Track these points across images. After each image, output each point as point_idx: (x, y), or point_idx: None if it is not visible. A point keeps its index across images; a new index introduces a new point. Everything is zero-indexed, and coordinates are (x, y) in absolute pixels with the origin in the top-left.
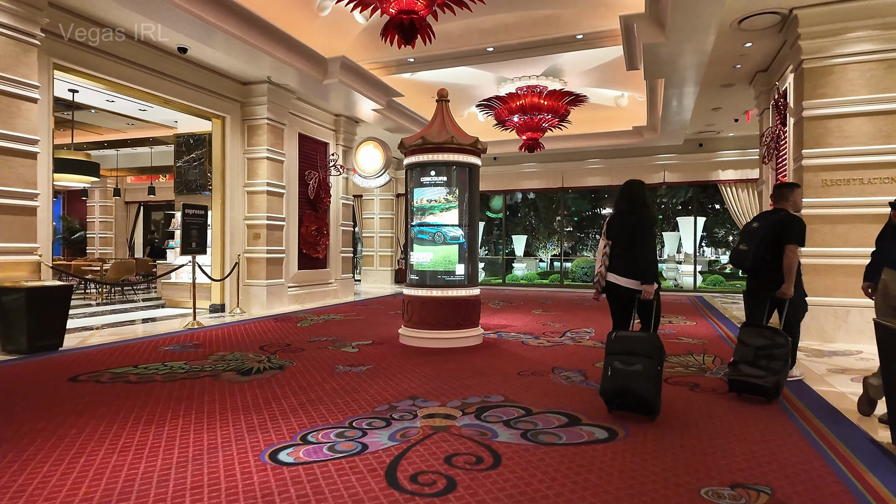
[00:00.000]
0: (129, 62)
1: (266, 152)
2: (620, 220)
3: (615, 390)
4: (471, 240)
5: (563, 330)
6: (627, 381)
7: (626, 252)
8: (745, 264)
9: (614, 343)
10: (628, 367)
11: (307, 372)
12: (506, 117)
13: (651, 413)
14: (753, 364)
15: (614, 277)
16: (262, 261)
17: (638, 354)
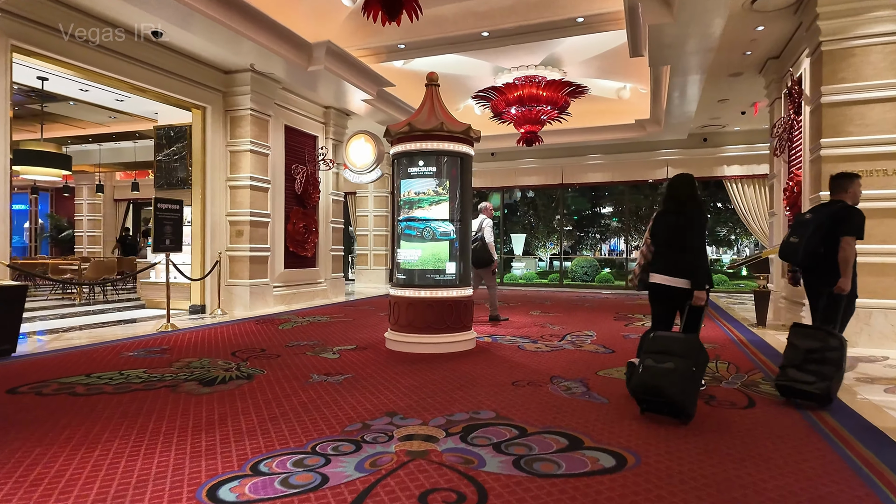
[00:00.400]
0: (100, 47)
1: (249, 145)
2: (665, 218)
3: (643, 388)
4: (463, 236)
5: (562, 333)
6: (656, 380)
7: (669, 250)
8: (796, 258)
9: (650, 342)
10: (659, 365)
11: (277, 382)
12: (503, 109)
13: (683, 416)
14: (802, 368)
15: (656, 276)
16: (244, 259)
17: (672, 354)
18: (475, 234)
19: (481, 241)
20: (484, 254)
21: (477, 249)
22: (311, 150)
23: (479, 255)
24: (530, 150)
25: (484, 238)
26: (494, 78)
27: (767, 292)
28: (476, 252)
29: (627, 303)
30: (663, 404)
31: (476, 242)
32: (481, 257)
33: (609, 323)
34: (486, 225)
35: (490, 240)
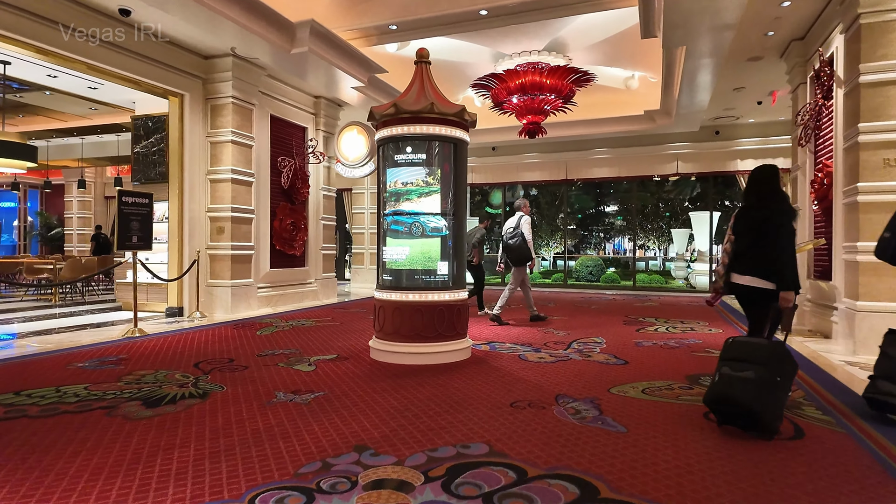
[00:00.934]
0: (65, 27)
1: (231, 135)
2: (747, 213)
3: (715, 396)
4: (457, 232)
5: (568, 339)
6: (730, 388)
7: (751, 248)
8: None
9: (728, 348)
10: (735, 373)
11: (234, 403)
12: (503, 98)
13: (762, 430)
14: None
15: (739, 277)
16: (226, 258)
17: (751, 361)
18: (512, 230)
19: (520, 237)
20: (523, 251)
21: (515, 246)
22: (299, 142)
23: (517, 252)
24: (533, 144)
25: (523, 235)
26: (495, 65)
27: None
28: (514, 249)
29: (636, 305)
30: (738, 415)
31: (514, 239)
32: (520, 254)
33: (618, 328)
34: (525, 222)
35: (529, 237)
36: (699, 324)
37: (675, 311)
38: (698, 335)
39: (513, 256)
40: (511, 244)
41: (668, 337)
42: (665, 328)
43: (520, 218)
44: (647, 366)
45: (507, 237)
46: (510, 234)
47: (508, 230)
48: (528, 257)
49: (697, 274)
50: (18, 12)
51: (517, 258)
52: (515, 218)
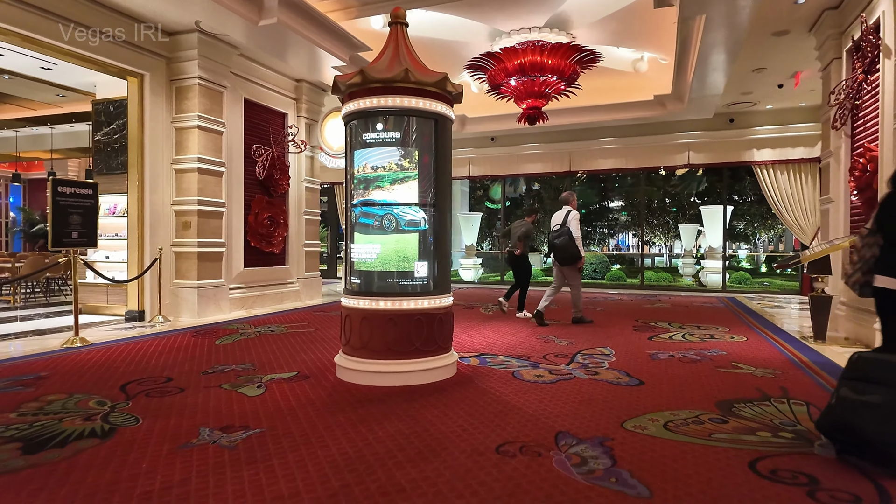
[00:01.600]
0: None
1: (198, 120)
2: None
3: (834, 424)
4: (438, 226)
5: (571, 350)
6: (848, 414)
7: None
8: None
9: (851, 366)
10: (857, 396)
11: (142, 445)
12: (501, 81)
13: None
14: None
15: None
16: (192, 256)
17: (878, 382)
18: (559, 227)
19: (567, 234)
20: (570, 249)
21: (562, 245)
22: (278, 130)
23: (564, 250)
24: (534, 134)
25: (570, 232)
26: (491, 44)
27: (828, 298)
28: (561, 247)
29: (646, 306)
30: (862, 446)
31: (561, 237)
32: (567, 253)
33: (628, 335)
34: (573, 217)
35: (577, 234)
36: (718, 329)
37: (688, 314)
38: (720, 345)
39: (560, 256)
40: (558, 243)
41: (685, 347)
42: (681, 335)
43: (567, 213)
44: (667, 387)
45: (553, 235)
46: (557, 231)
47: (555, 227)
48: (577, 256)
49: (709, 272)
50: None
51: (565, 257)
52: (562, 213)
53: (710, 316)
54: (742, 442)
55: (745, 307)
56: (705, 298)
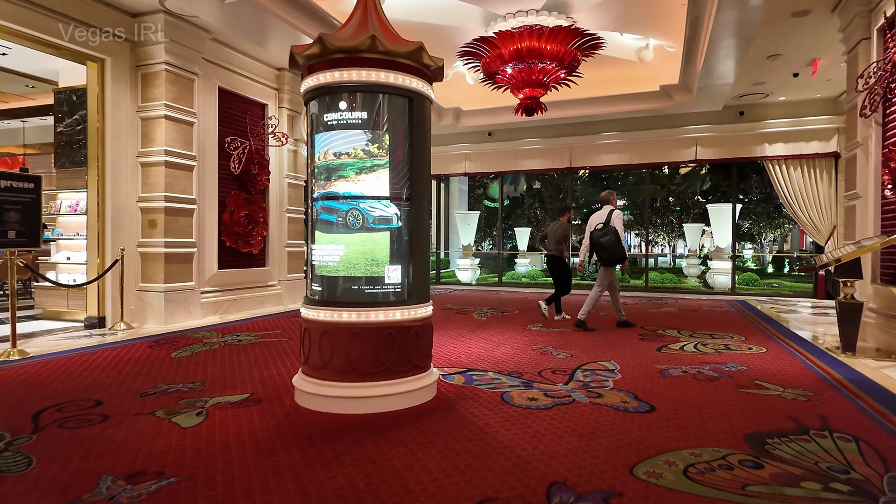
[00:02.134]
0: None
1: (165, 109)
2: None
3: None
4: (414, 224)
5: (570, 365)
6: None
7: None
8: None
9: None
10: None
11: (19, 502)
12: (497, 68)
13: None
14: None
15: None
16: (159, 257)
17: None
18: (602, 226)
19: (614, 234)
20: (617, 250)
21: (609, 244)
22: (256, 121)
23: (612, 250)
24: (533, 128)
25: (617, 231)
26: (486, 28)
27: (858, 305)
28: (608, 248)
29: (652, 311)
30: None
31: (607, 236)
32: (614, 253)
33: (634, 345)
34: (616, 216)
35: (623, 233)
36: (733, 339)
37: (698, 320)
38: (738, 357)
39: (605, 256)
40: (604, 242)
41: (700, 360)
42: (693, 345)
43: (610, 212)
44: (683, 415)
45: (597, 235)
46: (601, 230)
47: (598, 226)
48: (622, 256)
49: (716, 273)
50: None
51: (610, 258)
52: (604, 212)
53: (722, 322)
54: (786, 499)
55: (758, 312)
56: (714, 301)
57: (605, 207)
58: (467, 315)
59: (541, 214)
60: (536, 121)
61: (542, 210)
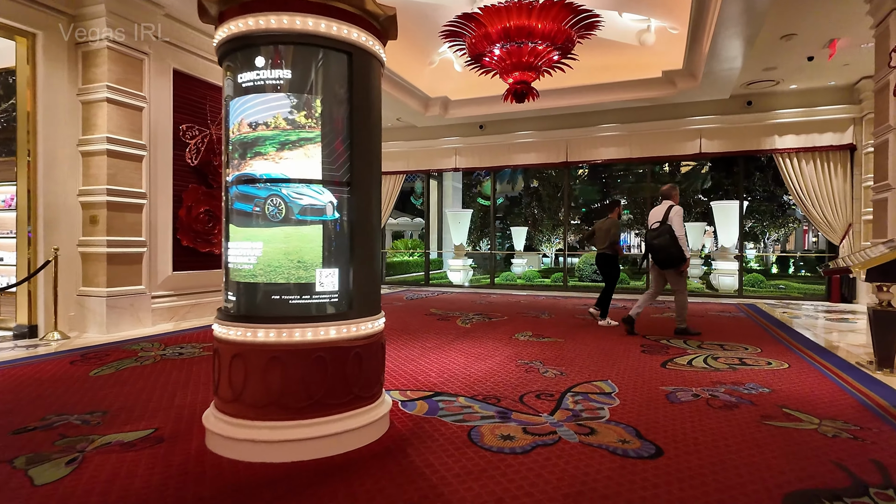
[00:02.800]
0: None
1: (107, 91)
2: None
3: None
4: (358, 215)
5: (559, 386)
6: None
7: None
8: None
9: None
10: None
11: None
12: (483, 49)
13: None
14: None
15: None
16: (101, 258)
17: None
18: (658, 224)
19: (669, 233)
20: (673, 250)
21: (664, 245)
22: (218, 107)
23: (666, 251)
24: (527, 120)
25: (672, 230)
26: (472, 5)
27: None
28: (663, 248)
29: (654, 316)
30: None
31: (661, 236)
32: (670, 254)
33: (635, 359)
34: (675, 213)
35: (681, 232)
36: (747, 350)
37: (706, 328)
38: (757, 375)
39: (660, 257)
40: (656, 243)
41: (712, 379)
42: (703, 359)
43: (668, 208)
44: (699, 461)
45: (651, 235)
46: (655, 230)
47: (654, 224)
48: (681, 258)
49: (721, 274)
50: None
51: (665, 259)
52: (662, 208)
53: (732, 330)
54: None
55: (770, 317)
56: (721, 306)
57: (664, 203)
58: (450, 322)
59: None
60: (530, 111)
61: (540, 209)
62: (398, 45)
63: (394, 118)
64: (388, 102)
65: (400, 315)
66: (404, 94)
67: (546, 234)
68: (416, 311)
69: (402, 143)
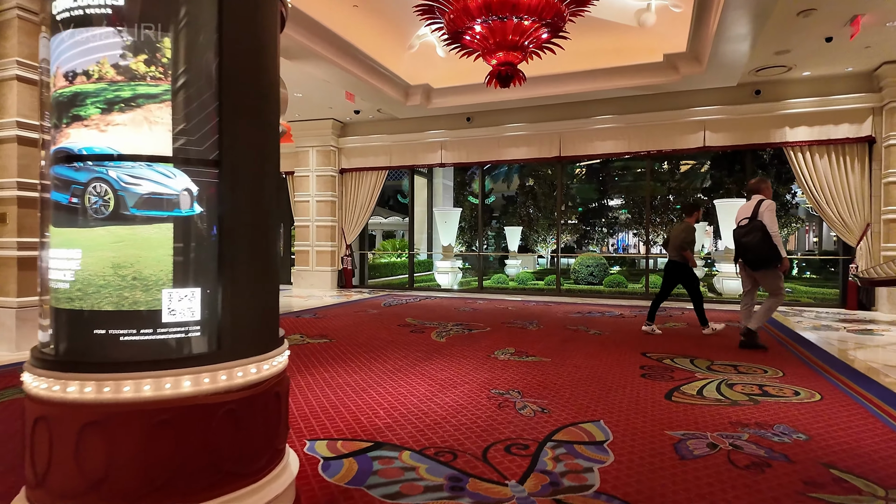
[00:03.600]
0: None
1: (17, 68)
2: None
3: None
4: (231, 208)
5: (538, 431)
6: None
7: None
8: None
9: None
10: None
11: None
12: (463, 26)
13: None
14: None
15: None
16: (10, 262)
17: None
18: (747, 220)
19: (760, 231)
20: (766, 249)
21: (753, 244)
22: None
23: (757, 250)
24: (517, 111)
25: (764, 226)
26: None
27: None
28: (752, 247)
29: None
30: None
31: (751, 234)
32: (760, 254)
33: (633, 387)
34: (767, 208)
35: (775, 228)
36: (766, 373)
37: (714, 341)
38: (786, 412)
39: (750, 257)
40: (746, 242)
41: (730, 418)
42: (716, 386)
43: (758, 203)
44: None
45: (739, 233)
46: (745, 228)
47: (742, 222)
48: (775, 257)
49: (724, 277)
50: None
51: (756, 259)
52: (751, 204)
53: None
54: None
55: (784, 328)
56: (728, 314)
57: (754, 198)
58: (424, 334)
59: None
60: (520, 101)
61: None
62: (373, 26)
63: (374, 109)
64: (363, 90)
65: (368, 327)
66: (381, 81)
67: (542, 234)
68: (390, 321)
69: (384, 136)
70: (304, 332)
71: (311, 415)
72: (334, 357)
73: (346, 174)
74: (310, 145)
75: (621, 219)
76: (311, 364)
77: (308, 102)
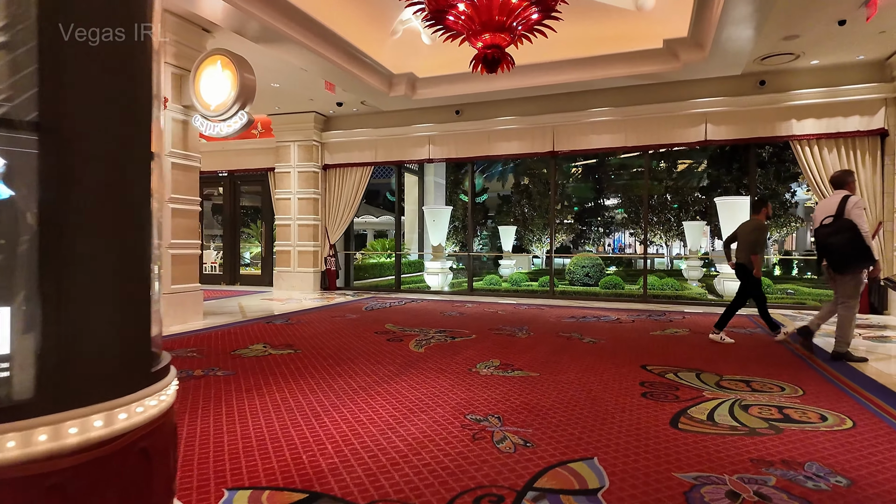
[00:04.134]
0: None
1: None
2: None
3: None
4: (67, 190)
5: (515, 476)
6: None
7: None
8: None
9: None
10: None
11: None
12: (445, 5)
13: None
14: None
15: None
16: None
17: None
18: (831, 219)
19: (849, 230)
20: (855, 251)
21: (839, 244)
22: None
23: (841, 251)
24: (509, 104)
25: (852, 226)
26: None
27: None
28: (837, 247)
29: (655, 334)
30: None
31: (838, 234)
32: (845, 255)
33: (633, 410)
34: (854, 204)
35: (866, 227)
36: (784, 391)
37: (721, 351)
38: (814, 442)
39: (834, 259)
40: (832, 242)
41: (750, 452)
42: (727, 409)
43: (844, 199)
44: None
45: (823, 233)
46: (829, 227)
47: (825, 220)
48: (865, 258)
49: (725, 278)
50: None
51: (840, 261)
52: (835, 199)
53: (756, 355)
54: None
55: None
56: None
57: (837, 193)
58: (402, 343)
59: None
60: (511, 91)
61: (531, 207)
62: (353, 11)
63: (357, 102)
64: (343, 79)
65: (341, 335)
66: (363, 69)
67: (537, 233)
68: (367, 328)
69: (369, 130)
70: (269, 341)
71: (244, 451)
72: (294, 372)
73: (330, 170)
74: (291, 140)
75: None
76: (266, 381)
77: (287, 94)
